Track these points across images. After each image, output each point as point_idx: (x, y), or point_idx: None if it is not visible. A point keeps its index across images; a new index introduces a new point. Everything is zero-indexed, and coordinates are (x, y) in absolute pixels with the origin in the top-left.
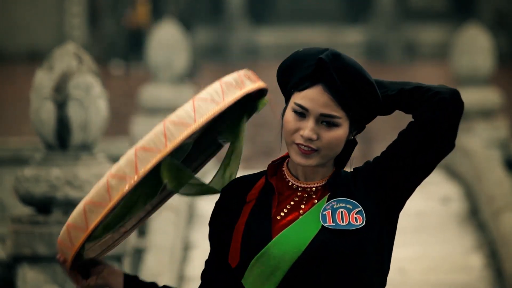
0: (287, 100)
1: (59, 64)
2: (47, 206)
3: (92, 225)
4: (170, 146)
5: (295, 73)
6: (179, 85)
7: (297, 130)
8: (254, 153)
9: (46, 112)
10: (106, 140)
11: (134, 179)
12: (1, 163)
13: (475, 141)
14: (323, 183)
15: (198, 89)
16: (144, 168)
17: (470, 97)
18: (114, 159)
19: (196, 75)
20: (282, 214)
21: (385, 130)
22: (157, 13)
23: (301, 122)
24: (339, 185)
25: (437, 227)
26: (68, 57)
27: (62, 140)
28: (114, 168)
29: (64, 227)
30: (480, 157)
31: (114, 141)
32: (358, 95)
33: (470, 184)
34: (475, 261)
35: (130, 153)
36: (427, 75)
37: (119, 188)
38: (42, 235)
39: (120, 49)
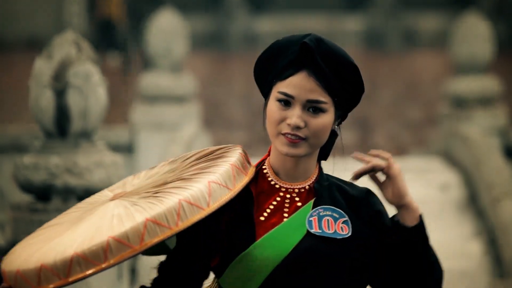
0: (266, 94)
1: (58, 52)
2: (46, 193)
3: (72, 279)
4: (181, 226)
5: (277, 62)
6: (178, 73)
7: (283, 119)
8: (253, 141)
9: (45, 100)
10: (106, 128)
11: (136, 249)
12: (0, 150)
13: (474, 128)
14: (307, 185)
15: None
16: (150, 241)
17: (469, 85)
18: (114, 146)
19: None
20: (265, 214)
21: (383, 118)
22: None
23: (286, 111)
24: (324, 190)
25: (436, 214)
26: (68, 45)
27: (61, 128)
28: (118, 231)
29: (37, 265)
30: (479, 145)
31: (114, 128)
32: (343, 79)
33: (469, 172)
34: (474, 248)
35: (138, 221)
36: (426, 63)
37: (118, 253)
38: (41, 222)
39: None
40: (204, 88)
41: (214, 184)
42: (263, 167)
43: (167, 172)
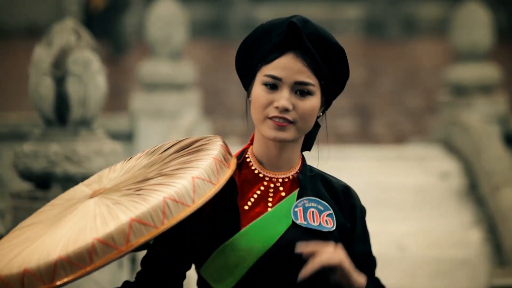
0: (249, 81)
1: (58, 39)
2: (46, 181)
3: (57, 283)
4: (167, 224)
5: (261, 45)
6: (177, 61)
7: (269, 103)
8: (249, 129)
9: (45, 87)
10: (105, 116)
11: (122, 250)
12: (0, 138)
13: (474, 116)
14: (290, 175)
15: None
16: (136, 241)
17: (469, 72)
18: (114, 134)
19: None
20: (249, 203)
21: (383, 106)
22: None
23: (273, 94)
24: (307, 181)
25: (436, 202)
26: (67, 33)
27: (61, 116)
28: (103, 232)
29: (20, 270)
30: (479, 133)
31: (113, 116)
32: (330, 61)
33: (469, 160)
34: (474, 236)
35: (123, 221)
36: (426, 51)
37: (103, 255)
38: None
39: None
40: (204, 76)
41: (198, 180)
42: (246, 155)
43: (145, 166)
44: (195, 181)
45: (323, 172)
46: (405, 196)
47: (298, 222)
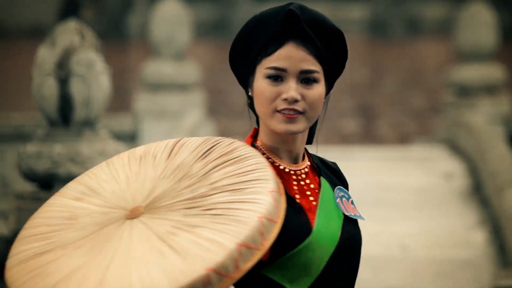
0: (246, 76)
1: (61, 40)
2: (49, 182)
3: None
4: (266, 244)
5: (258, 38)
6: (181, 61)
7: (277, 96)
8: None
9: (48, 88)
10: (109, 116)
11: (234, 277)
12: (3, 139)
13: (478, 116)
14: (307, 165)
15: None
16: (245, 266)
17: (473, 73)
18: (117, 135)
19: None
20: (298, 201)
21: (387, 107)
22: None
23: (279, 87)
24: (323, 169)
25: (439, 203)
26: (70, 33)
27: (64, 116)
28: (213, 261)
29: None
30: (483, 133)
31: (117, 117)
32: (330, 46)
33: (473, 160)
34: (478, 237)
35: (231, 247)
36: (430, 51)
37: (217, 285)
38: None
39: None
40: (207, 77)
41: (275, 196)
42: (263, 152)
43: (169, 177)
44: (273, 196)
45: (314, 154)
46: (409, 196)
47: (347, 213)
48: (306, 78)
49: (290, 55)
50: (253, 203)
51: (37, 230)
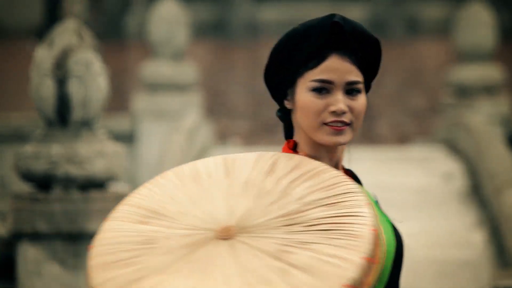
0: (285, 89)
1: (59, 40)
2: (47, 183)
3: None
4: (382, 255)
5: (300, 51)
6: (179, 61)
7: (324, 108)
8: (255, 130)
9: (46, 88)
10: (107, 117)
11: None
12: (1, 139)
13: (477, 117)
14: (342, 171)
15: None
16: (371, 279)
17: (472, 73)
18: (115, 135)
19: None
20: None
21: (386, 107)
22: None
23: (326, 99)
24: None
25: (438, 203)
26: (68, 34)
27: (62, 117)
28: (348, 278)
29: None
30: (482, 134)
31: (115, 117)
32: (369, 54)
33: (472, 161)
34: (477, 238)
35: (359, 263)
36: (429, 52)
37: None
38: (43, 212)
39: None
40: (206, 77)
41: (369, 204)
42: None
43: (244, 194)
44: (370, 205)
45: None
46: (408, 196)
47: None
48: (350, 89)
49: (336, 67)
50: (358, 216)
51: (116, 257)
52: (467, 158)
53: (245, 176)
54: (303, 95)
